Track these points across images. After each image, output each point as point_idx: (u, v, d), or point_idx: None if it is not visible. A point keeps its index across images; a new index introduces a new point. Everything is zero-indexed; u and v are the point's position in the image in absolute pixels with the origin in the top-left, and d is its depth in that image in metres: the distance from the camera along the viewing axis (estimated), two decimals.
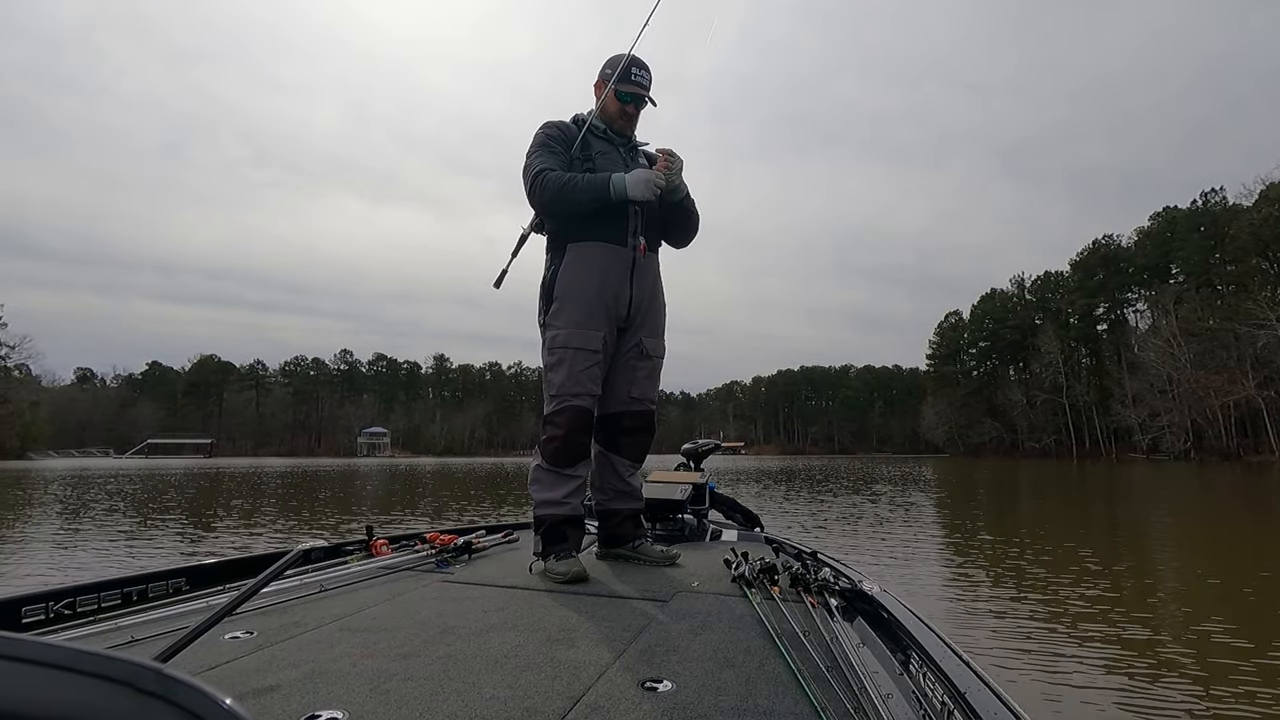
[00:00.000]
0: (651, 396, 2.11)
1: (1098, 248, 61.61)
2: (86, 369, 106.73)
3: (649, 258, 2.07)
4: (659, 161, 2.00)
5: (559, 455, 1.92)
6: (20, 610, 1.29)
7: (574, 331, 1.93)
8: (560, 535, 1.88)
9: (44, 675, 0.23)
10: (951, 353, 76.24)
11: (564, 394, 1.91)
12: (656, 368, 2.13)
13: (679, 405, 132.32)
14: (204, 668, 1.17)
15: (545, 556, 1.84)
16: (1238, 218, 47.36)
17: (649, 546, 2.06)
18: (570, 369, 1.91)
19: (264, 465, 38.05)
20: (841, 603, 1.48)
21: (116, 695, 0.24)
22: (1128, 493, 14.41)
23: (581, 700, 1.01)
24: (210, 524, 8.63)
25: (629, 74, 2.06)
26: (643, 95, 2.09)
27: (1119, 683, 2.76)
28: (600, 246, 1.98)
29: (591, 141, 2.07)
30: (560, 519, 1.90)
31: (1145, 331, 53.67)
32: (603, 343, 1.96)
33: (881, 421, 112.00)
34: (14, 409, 59.25)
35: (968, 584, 4.73)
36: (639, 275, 2.03)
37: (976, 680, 0.89)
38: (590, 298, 1.95)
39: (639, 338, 2.06)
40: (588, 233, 1.97)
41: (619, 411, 2.07)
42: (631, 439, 2.10)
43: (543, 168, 1.93)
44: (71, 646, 0.25)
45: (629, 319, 2.04)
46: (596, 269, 1.96)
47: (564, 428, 1.91)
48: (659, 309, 2.13)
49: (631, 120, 2.14)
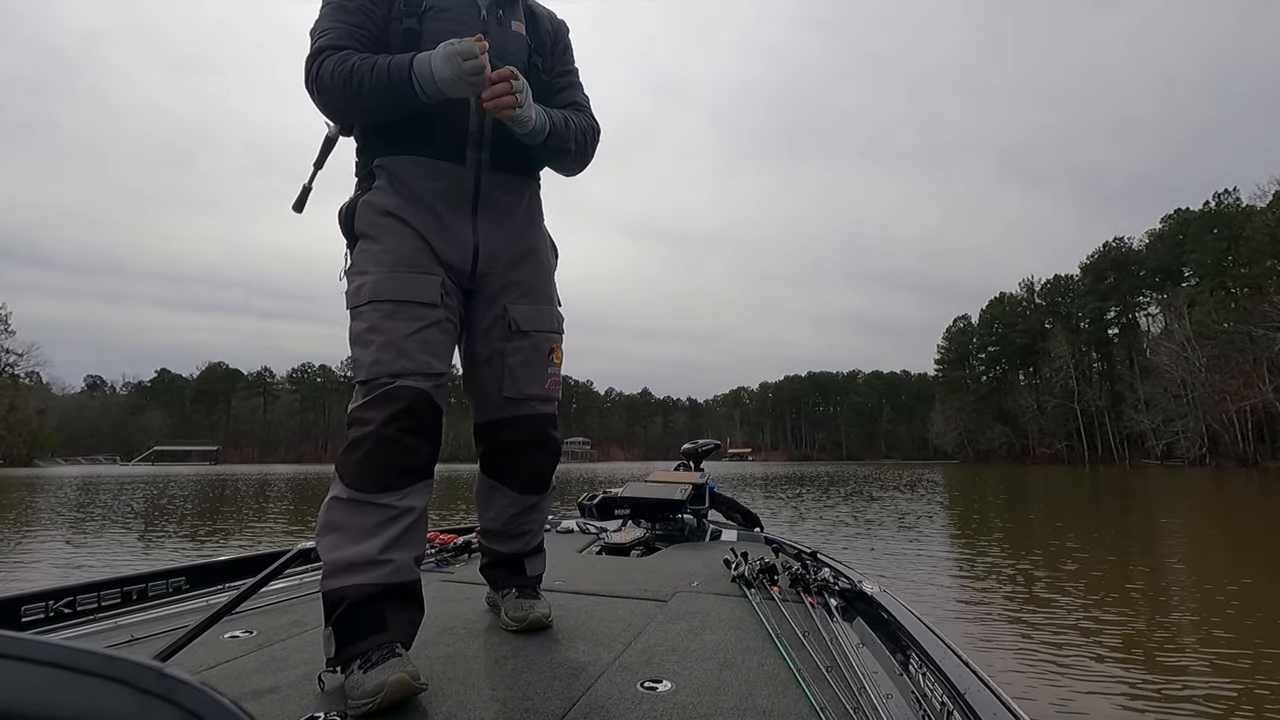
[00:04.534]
0: (538, 392, 1.38)
1: (1108, 250, 61.15)
2: (96, 376, 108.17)
3: (505, 182, 1.34)
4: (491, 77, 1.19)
5: (369, 473, 1.12)
6: (20, 609, 1.29)
7: (388, 276, 1.21)
8: (371, 622, 1.07)
9: (43, 674, 0.23)
10: (960, 357, 75.72)
11: (380, 374, 1.16)
12: (542, 348, 1.39)
13: (685, 411, 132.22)
14: (204, 667, 1.17)
15: (342, 664, 1.05)
16: (1252, 219, 46.85)
17: (515, 600, 1.41)
18: (389, 335, 1.18)
19: (270, 472, 38.29)
20: (841, 603, 1.47)
21: (116, 694, 0.24)
22: (1144, 500, 14.21)
23: (581, 701, 1.01)
24: (211, 524, 8.69)
25: None
26: None
27: (1120, 683, 2.73)
28: (420, 163, 1.28)
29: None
30: (371, 592, 1.08)
31: (1158, 335, 53.10)
32: (441, 294, 1.25)
33: (890, 427, 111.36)
34: (21, 416, 59.92)
35: (982, 593, 4.68)
36: (487, 209, 1.32)
37: (976, 681, 0.88)
38: (407, 237, 1.25)
39: (502, 305, 1.35)
40: (402, 143, 1.29)
41: (491, 421, 1.40)
42: (515, 460, 1.41)
43: (322, 45, 1.24)
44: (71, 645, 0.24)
45: (475, 275, 1.32)
46: (415, 197, 1.27)
47: (377, 424, 1.13)
48: (537, 264, 1.42)
49: None
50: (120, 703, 0.23)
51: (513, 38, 1.38)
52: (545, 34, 1.46)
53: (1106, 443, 57.56)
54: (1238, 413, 41.36)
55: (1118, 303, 60.08)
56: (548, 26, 1.47)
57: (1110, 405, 56.06)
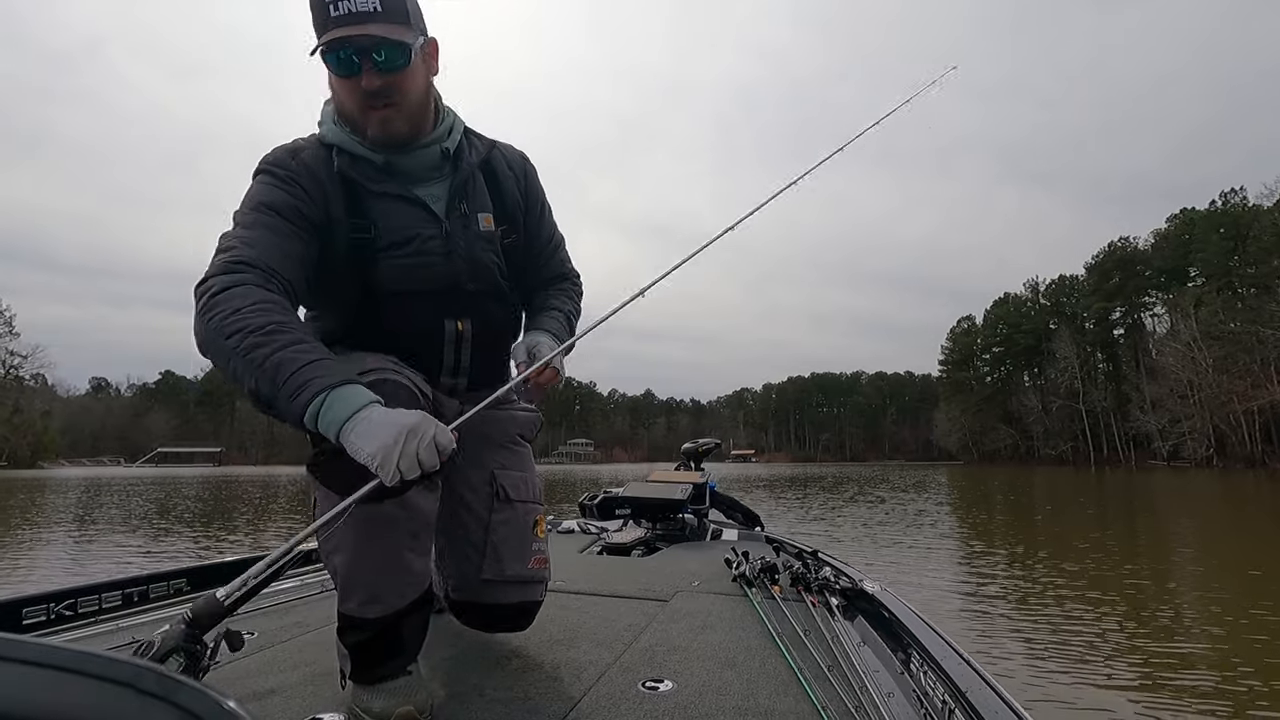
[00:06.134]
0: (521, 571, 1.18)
1: (1113, 250, 60.87)
2: (101, 379, 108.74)
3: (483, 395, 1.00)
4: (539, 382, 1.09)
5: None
6: (21, 612, 1.29)
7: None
8: (391, 645, 0.98)
9: (45, 677, 0.23)
10: (964, 358, 75.45)
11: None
12: (531, 516, 1.20)
13: (689, 413, 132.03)
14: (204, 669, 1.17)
15: (368, 681, 0.97)
16: (1259, 218, 46.59)
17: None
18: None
19: (273, 474, 38.43)
20: (842, 602, 1.47)
21: (118, 697, 0.24)
22: (1150, 501, 14.14)
23: (582, 701, 1.01)
24: (210, 525, 8.72)
25: (324, 5, 0.95)
26: (369, 42, 0.96)
27: (1122, 682, 2.71)
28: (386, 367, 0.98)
29: (361, 187, 1.03)
30: (395, 616, 0.98)
31: (1164, 335, 52.84)
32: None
33: (894, 428, 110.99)
34: (26, 418, 60.24)
35: (983, 592, 4.66)
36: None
37: (977, 679, 0.87)
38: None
39: (489, 471, 1.18)
40: (365, 348, 1.03)
41: (465, 601, 1.21)
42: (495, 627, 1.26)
43: (227, 262, 0.90)
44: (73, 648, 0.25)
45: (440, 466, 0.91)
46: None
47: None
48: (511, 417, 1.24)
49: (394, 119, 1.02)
50: (122, 705, 0.23)
51: (481, 240, 1.11)
52: (513, 201, 1.18)
53: (1112, 444, 57.26)
54: (1245, 413, 41.07)
55: (1123, 303, 59.79)
56: (514, 187, 1.18)
57: (1116, 406, 55.77)
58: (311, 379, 0.81)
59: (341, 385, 0.82)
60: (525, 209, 1.22)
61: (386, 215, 1.04)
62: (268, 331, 0.83)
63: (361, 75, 0.98)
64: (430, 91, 1.09)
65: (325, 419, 0.81)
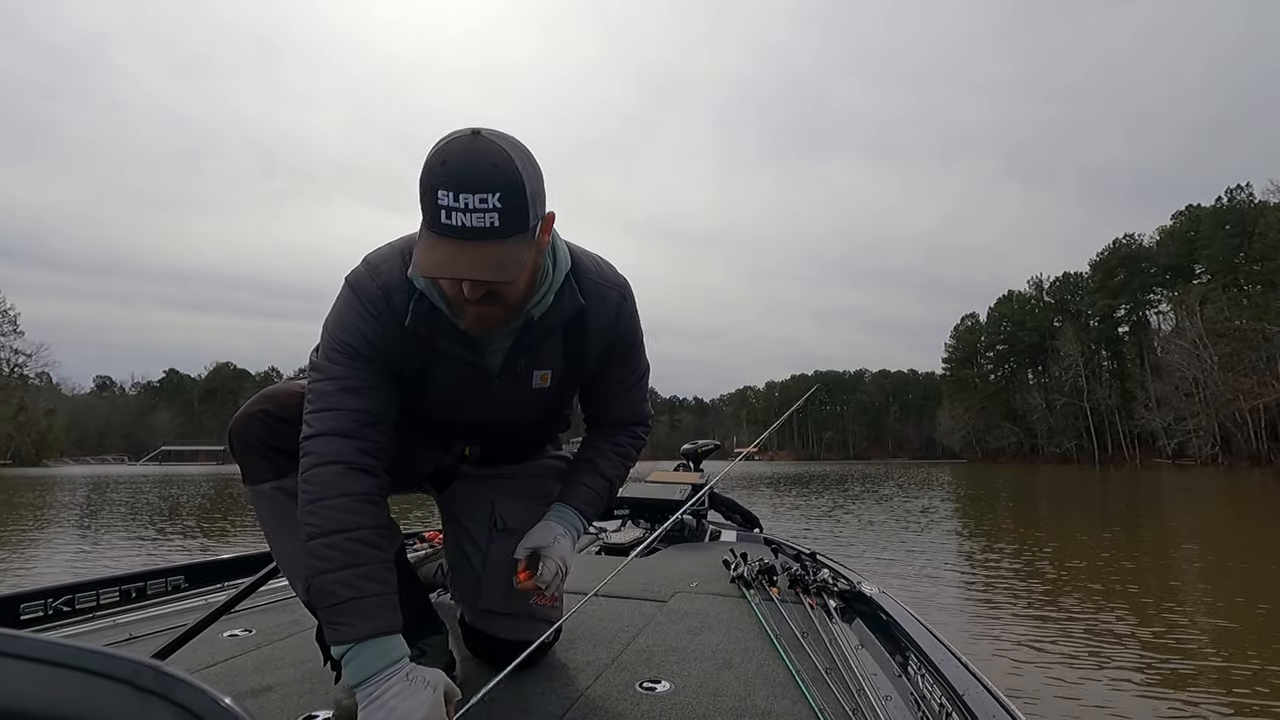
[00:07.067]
0: (524, 607, 1.13)
1: (1118, 247, 60.59)
2: (105, 377, 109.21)
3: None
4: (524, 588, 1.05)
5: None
6: (18, 607, 1.30)
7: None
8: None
9: (42, 673, 0.23)
10: (968, 356, 75.24)
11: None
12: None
13: (692, 411, 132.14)
14: (203, 665, 1.17)
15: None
16: (1265, 215, 46.29)
17: None
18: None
19: None
20: (840, 604, 1.47)
21: (115, 693, 0.24)
22: (1154, 499, 14.09)
23: (579, 701, 1.01)
24: (211, 522, 8.75)
25: (437, 205, 0.81)
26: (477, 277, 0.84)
27: (1121, 683, 2.70)
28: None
29: (433, 338, 0.97)
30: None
31: (1169, 333, 52.57)
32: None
33: (897, 426, 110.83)
34: (30, 417, 60.57)
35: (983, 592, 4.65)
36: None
37: (975, 682, 0.87)
38: None
39: (488, 501, 1.17)
40: None
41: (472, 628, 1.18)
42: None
43: (313, 434, 0.93)
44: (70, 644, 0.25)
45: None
46: None
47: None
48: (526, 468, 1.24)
49: (492, 318, 0.93)
50: (119, 701, 0.24)
51: (530, 395, 1.07)
52: (593, 356, 1.09)
53: (1117, 442, 57.08)
54: (1251, 411, 40.89)
55: (1128, 300, 59.53)
56: (599, 342, 1.08)
57: (1120, 404, 55.57)
58: (345, 623, 0.86)
59: (370, 639, 0.85)
60: (605, 358, 1.11)
61: (445, 370, 1.01)
62: (330, 543, 0.88)
63: (464, 281, 0.85)
64: (537, 272, 0.95)
65: (350, 667, 0.85)
